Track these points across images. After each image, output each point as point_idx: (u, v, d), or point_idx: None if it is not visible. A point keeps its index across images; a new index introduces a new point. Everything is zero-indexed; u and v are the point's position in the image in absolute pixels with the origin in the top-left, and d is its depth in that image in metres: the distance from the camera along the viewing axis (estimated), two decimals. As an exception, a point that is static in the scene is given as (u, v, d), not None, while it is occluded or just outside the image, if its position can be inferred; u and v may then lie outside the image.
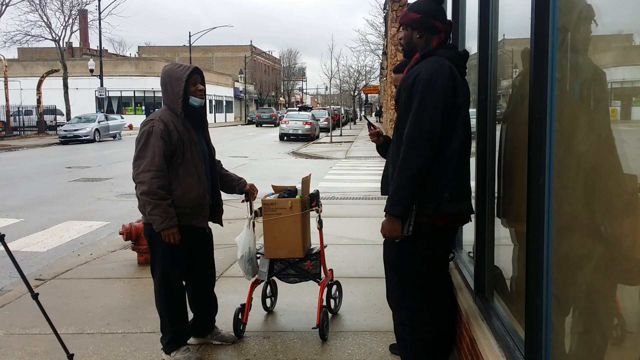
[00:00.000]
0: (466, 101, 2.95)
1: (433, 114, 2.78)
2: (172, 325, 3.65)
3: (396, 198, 2.84)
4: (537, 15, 2.06)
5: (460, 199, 2.91)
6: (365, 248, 6.54)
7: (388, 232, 2.91)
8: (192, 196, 3.53)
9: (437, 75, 2.81)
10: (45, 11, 35.43)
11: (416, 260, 3.00)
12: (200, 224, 3.64)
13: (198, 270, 3.83)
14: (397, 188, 2.83)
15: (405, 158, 2.82)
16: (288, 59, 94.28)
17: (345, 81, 56.56)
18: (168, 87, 3.55)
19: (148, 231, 3.61)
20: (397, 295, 3.12)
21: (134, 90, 48.17)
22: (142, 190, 3.43)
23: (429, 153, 2.79)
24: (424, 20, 2.97)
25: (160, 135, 3.44)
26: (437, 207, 2.86)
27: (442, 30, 2.97)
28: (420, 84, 2.82)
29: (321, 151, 22.15)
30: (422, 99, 2.80)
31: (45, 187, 12.50)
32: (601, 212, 1.78)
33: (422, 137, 2.79)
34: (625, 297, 1.66)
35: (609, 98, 1.78)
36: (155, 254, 3.62)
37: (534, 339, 2.15)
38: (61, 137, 27.80)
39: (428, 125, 2.78)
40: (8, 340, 4.13)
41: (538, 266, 2.10)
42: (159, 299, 3.66)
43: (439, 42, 2.97)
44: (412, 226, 2.85)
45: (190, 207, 3.54)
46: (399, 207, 2.83)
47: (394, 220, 2.86)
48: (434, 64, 2.87)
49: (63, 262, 6.40)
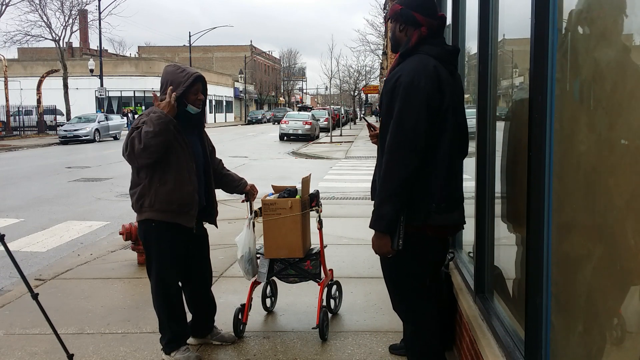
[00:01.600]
0: (455, 102, 2.76)
1: (416, 120, 2.58)
2: (171, 325, 3.65)
3: (380, 212, 2.64)
4: (537, 15, 2.06)
5: (451, 209, 2.73)
6: (365, 248, 6.53)
7: (378, 248, 2.74)
8: (179, 194, 3.48)
9: (419, 77, 2.61)
10: (45, 11, 35.54)
11: (413, 271, 2.87)
12: (187, 223, 3.57)
13: (194, 271, 3.82)
14: (381, 202, 2.64)
15: (387, 170, 2.62)
16: (288, 59, 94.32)
17: (345, 81, 56.54)
18: (167, 89, 3.52)
19: (143, 231, 3.61)
20: (402, 309, 3.02)
21: (134, 90, 48.17)
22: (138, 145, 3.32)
23: (413, 163, 2.59)
24: (404, 12, 2.78)
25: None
26: (426, 218, 2.68)
27: (423, 24, 2.74)
28: (401, 88, 2.62)
29: (321, 151, 22.15)
30: (403, 105, 2.60)
31: (45, 187, 12.50)
32: (601, 212, 1.78)
33: (405, 147, 2.59)
34: (625, 297, 1.66)
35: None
36: (151, 255, 3.61)
37: (534, 339, 2.15)
38: (61, 137, 27.82)
39: (411, 132, 2.58)
40: (8, 340, 4.13)
41: (538, 266, 2.10)
42: (156, 300, 3.66)
43: (420, 37, 2.74)
44: (401, 239, 2.67)
45: (177, 205, 3.49)
46: (384, 222, 2.63)
47: (381, 236, 2.68)
48: (417, 64, 2.67)
49: (63, 262, 6.40)
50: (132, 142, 3.33)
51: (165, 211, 3.48)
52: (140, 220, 3.57)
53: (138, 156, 3.36)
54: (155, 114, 3.37)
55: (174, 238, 3.56)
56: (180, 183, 3.49)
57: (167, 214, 3.49)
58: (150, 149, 3.33)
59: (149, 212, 3.50)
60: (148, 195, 3.48)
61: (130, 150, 3.36)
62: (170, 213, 3.50)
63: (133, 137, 3.34)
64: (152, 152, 3.34)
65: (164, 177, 3.46)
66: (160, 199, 3.46)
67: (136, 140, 3.32)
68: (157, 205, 3.47)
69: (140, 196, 3.51)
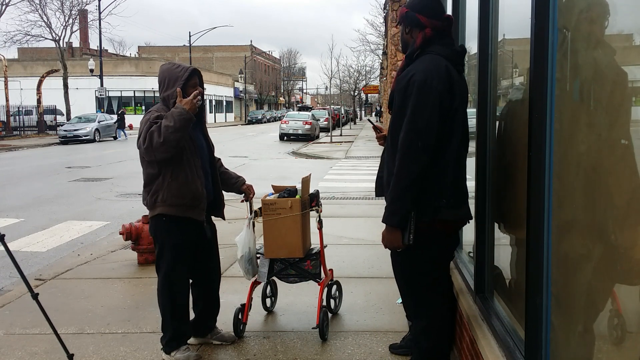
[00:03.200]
0: (464, 102, 2.85)
1: (429, 119, 2.66)
2: (173, 323, 3.66)
3: (393, 208, 2.75)
4: (537, 15, 2.06)
5: (458, 205, 2.83)
6: (365, 248, 6.54)
7: (389, 242, 2.83)
8: (189, 189, 3.54)
9: (432, 77, 2.68)
10: (45, 11, 35.51)
11: (424, 267, 2.95)
12: (198, 217, 3.63)
13: (203, 267, 3.84)
14: (394, 198, 2.74)
15: (401, 167, 2.70)
16: (288, 59, 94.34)
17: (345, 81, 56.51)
18: (165, 86, 3.58)
19: (154, 227, 3.66)
20: (414, 305, 3.07)
21: (134, 90, 48.19)
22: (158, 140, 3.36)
23: (425, 160, 2.68)
24: (409, 15, 2.87)
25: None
26: (435, 213, 2.78)
27: (427, 25, 2.82)
28: (415, 87, 2.68)
29: (321, 151, 22.15)
30: (416, 103, 2.67)
31: (45, 187, 12.50)
32: (601, 212, 1.78)
33: (418, 144, 2.67)
34: (625, 297, 1.66)
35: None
36: (161, 249, 3.65)
37: (534, 339, 2.15)
38: (61, 137, 27.83)
39: (424, 130, 2.66)
40: (8, 340, 4.13)
41: (538, 266, 2.10)
42: (162, 296, 3.67)
43: (424, 38, 2.82)
44: (412, 234, 2.77)
45: (189, 199, 3.55)
46: (397, 216, 2.74)
47: (393, 230, 2.78)
48: (429, 63, 2.74)
49: (63, 262, 6.40)
50: (151, 136, 3.34)
51: (178, 205, 3.53)
52: (153, 215, 3.62)
53: (156, 149, 3.37)
54: (177, 109, 3.39)
55: (184, 232, 3.61)
56: (190, 177, 3.55)
57: (179, 208, 3.54)
58: (170, 144, 3.35)
59: (161, 207, 3.56)
60: (161, 190, 3.54)
61: (148, 143, 3.37)
62: (182, 207, 3.55)
63: (152, 131, 3.35)
64: (171, 147, 3.37)
65: (175, 172, 3.52)
66: (172, 194, 3.51)
67: (155, 134, 3.34)
68: (170, 200, 3.53)
69: (155, 192, 3.56)
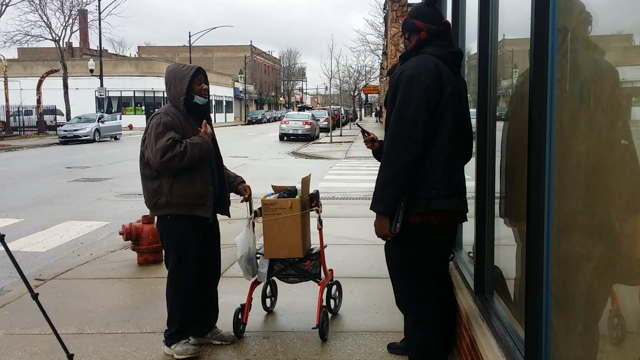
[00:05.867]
0: (455, 98, 2.92)
1: (415, 111, 2.78)
2: (179, 316, 3.70)
3: (379, 195, 2.86)
4: (537, 15, 2.06)
5: (449, 197, 2.89)
6: (365, 248, 6.54)
7: (378, 230, 2.95)
8: (196, 187, 3.61)
9: (420, 72, 2.81)
10: (45, 11, 35.54)
11: (419, 262, 3.00)
12: (204, 214, 3.68)
13: (206, 265, 3.87)
14: (380, 185, 2.86)
15: (387, 155, 2.84)
16: (288, 59, 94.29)
17: (345, 81, 56.58)
18: (172, 86, 3.68)
19: (160, 225, 3.74)
20: (405, 299, 3.12)
21: (134, 90, 48.15)
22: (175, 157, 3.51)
23: (411, 151, 2.78)
24: (407, 21, 3.04)
25: (169, 126, 3.56)
26: (428, 205, 2.85)
27: (422, 29, 2.96)
28: (403, 82, 2.83)
29: (321, 151, 22.14)
30: (404, 96, 2.81)
31: (45, 187, 12.50)
32: (601, 212, 1.78)
33: (404, 135, 2.79)
34: (625, 297, 1.66)
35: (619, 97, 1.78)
36: (168, 245, 3.71)
37: (534, 339, 2.15)
38: (61, 137, 27.82)
39: (409, 122, 2.78)
40: (8, 340, 4.13)
41: (538, 266, 2.10)
42: (170, 289, 3.72)
43: (418, 41, 2.96)
44: (399, 224, 2.86)
45: (194, 198, 3.61)
46: (382, 204, 2.85)
47: (381, 218, 2.89)
48: (419, 61, 2.89)
49: (63, 262, 6.40)
50: (173, 158, 3.48)
51: (182, 205, 3.59)
52: (158, 215, 3.71)
53: (172, 169, 3.53)
54: (206, 144, 3.59)
55: (190, 228, 3.65)
56: (196, 178, 3.62)
57: (184, 208, 3.60)
58: (186, 168, 3.55)
59: (165, 209, 3.62)
60: (164, 192, 3.59)
61: (168, 161, 3.47)
62: (187, 207, 3.61)
63: (175, 154, 3.47)
64: (185, 168, 3.56)
65: (178, 174, 3.59)
66: (176, 194, 3.58)
67: (178, 159, 3.48)
68: (174, 200, 3.59)
69: (157, 193, 3.61)
